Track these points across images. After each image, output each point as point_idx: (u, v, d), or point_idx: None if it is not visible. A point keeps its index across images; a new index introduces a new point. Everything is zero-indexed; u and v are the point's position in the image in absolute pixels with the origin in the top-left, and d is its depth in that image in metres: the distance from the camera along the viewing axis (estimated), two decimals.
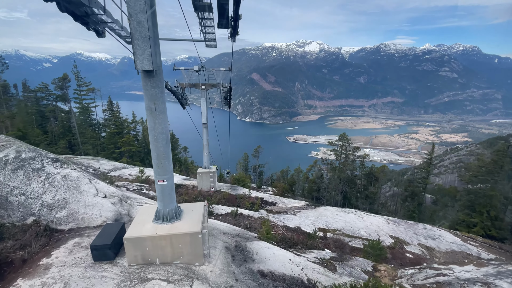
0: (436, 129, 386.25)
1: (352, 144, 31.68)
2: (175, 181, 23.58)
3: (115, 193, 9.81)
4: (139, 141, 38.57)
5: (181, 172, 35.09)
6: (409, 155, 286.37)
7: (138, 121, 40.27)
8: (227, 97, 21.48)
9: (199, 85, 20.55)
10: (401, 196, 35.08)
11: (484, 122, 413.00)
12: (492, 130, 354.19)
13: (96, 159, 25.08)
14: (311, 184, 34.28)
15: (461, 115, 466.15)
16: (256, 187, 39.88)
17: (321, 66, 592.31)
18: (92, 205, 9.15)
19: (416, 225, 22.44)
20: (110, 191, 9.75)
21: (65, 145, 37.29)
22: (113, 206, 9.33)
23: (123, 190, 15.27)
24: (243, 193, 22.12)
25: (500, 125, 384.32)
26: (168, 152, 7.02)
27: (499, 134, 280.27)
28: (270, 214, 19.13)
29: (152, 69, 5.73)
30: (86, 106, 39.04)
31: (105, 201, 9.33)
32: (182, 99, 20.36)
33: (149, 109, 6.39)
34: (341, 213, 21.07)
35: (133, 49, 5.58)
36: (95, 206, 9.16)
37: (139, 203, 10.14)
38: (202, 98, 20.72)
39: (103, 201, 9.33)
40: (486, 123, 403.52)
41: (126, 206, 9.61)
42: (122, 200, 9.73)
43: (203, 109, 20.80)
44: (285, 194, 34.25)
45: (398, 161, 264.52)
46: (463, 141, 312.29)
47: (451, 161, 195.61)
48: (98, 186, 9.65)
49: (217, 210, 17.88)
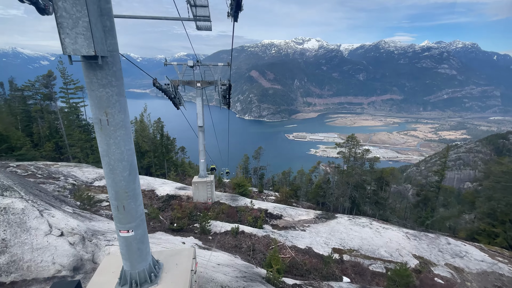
0: (435, 126, 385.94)
1: (362, 146, 29.29)
2: (168, 190, 21.15)
3: (76, 228, 7.30)
4: None
5: (177, 177, 32.52)
6: (408, 152, 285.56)
7: (131, 121, 37.55)
8: (226, 96, 18.96)
9: (194, 82, 18.00)
10: (412, 202, 32.93)
11: (482, 119, 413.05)
12: (491, 127, 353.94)
13: (79, 166, 22.50)
14: (316, 189, 31.90)
15: (459, 112, 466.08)
16: (257, 191, 37.50)
17: (320, 63, 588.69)
18: (43, 248, 6.64)
19: (438, 239, 20.17)
20: (69, 226, 7.24)
21: (52, 147, 34.60)
22: (72, 248, 6.83)
23: (101, 212, 12.80)
24: (245, 205, 19.67)
25: (499, 122, 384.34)
26: (133, 188, 4.47)
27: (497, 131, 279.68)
28: (276, 231, 16.74)
29: (95, 54, 3.22)
30: (74, 106, 36.30)
31: (60, 242, 6.83)
32: (175, 98, 17.81)
33: (98, 122, 3.84)
34: (356, 227, 18.68)
35: (56, 19, 3.07)
36: (47, 249, 6.65)
37: (109, 240, 7.65)
38: (198, 97, 18.18)
39: (59, 241, 6.83)
40: (485, 120, 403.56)
41: (90, 247, 7.12)
42: (86, 238, 7.23)
43: (199, 110, 18.28)
44: (289, 200, 31.91)
45: (397, 158, 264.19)
46: (462, 138, 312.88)
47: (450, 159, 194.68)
48: (52, 220, 7.14)
49: (215, 227, 15.46)
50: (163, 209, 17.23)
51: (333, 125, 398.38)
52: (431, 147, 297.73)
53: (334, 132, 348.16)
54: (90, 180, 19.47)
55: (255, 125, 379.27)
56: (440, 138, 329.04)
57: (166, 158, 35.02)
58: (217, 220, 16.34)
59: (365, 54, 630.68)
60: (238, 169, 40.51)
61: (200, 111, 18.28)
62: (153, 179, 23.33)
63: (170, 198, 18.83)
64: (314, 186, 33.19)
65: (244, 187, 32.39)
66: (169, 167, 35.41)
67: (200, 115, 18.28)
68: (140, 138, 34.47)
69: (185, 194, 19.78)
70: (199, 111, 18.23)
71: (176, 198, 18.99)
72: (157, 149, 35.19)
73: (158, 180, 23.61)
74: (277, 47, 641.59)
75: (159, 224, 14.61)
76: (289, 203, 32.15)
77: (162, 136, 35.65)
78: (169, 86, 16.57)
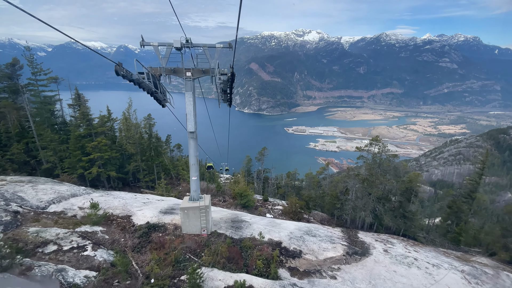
0: (434, 121, 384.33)
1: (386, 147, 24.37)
2: (149, 217, 14.40)
3: None
4: (116, 144, 30.77)
5: (167, 187, 27.35)
6: (407, 146, 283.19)
7: (115, 119, 32.29)
8: (226, 90, 13.88)
9: (182, 71, 12.83)
10: (442, 215, 28.44)
11: (482, 114, 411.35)
12: (490, 122, 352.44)
13: (34, 182, 17.39)
14: (332, 200, 27.16)
15: (459, 106, 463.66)
16: (262, 200, 32.74)
17: (321, 56, 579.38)
18: None
19: (498, 276, 15.62)
20: None
21: (21, 149, 29.33)
22: None
23: (35, 270, 7.89)
24: (251, 235, 14.78)
25: (498, 117, 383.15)
26: None
27: (497, 126, 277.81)
28: (296, 280, 11.99)
29: None
30: (47, 101, 30.90)
31: None
32: (157, 93, 12.71)
33: None
34: (400, 268, 13.96)
35: None
36: None
37: None
38: (188, 91, 13.04)
39: None
40: (485, 115, 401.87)
41: None
42: None
43: (189, 110, 13.16)
44: (299, 211, 27.19)
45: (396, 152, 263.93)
46: (461, 133, 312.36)
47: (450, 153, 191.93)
48: None
49: (211, 281, 10.63)
50: (139, 249, 12.30)
51: (333, 118, 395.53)
52: (430, 141, 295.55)
53: (333, 126, 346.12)
54: (44, 203, 14.44)
55: (255, 118, 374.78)
56: (439, 133, 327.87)
57: (155, 162, 29.87)
58: (214, 268, 11.48)
59: (366, 47, 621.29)
60: (239, 175, 35.54)
61: (192, 111, 13.14)
62: (132, 197, 18.20)
63: (151, 229, 13.87)
64: (330, 197, 28.42)
65: (247, 197, 27.55)
66: (158, 174, 30.32)
67: (192, 117, 13.15)
68: (124, 139, 29.31)
69: (171, 221, 14.80)
70: (190, 110, 13.10)
71: (159, 229, 14.02)
72: (145, 152, 30.03)
73: (139, 198, 18.49)
74: (277, 39, 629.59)
75: (128, 283, 9.73)
76: (299, 216, 27.44)
77: (150, 136, 30.37)
78: (145, 76, 11.41)
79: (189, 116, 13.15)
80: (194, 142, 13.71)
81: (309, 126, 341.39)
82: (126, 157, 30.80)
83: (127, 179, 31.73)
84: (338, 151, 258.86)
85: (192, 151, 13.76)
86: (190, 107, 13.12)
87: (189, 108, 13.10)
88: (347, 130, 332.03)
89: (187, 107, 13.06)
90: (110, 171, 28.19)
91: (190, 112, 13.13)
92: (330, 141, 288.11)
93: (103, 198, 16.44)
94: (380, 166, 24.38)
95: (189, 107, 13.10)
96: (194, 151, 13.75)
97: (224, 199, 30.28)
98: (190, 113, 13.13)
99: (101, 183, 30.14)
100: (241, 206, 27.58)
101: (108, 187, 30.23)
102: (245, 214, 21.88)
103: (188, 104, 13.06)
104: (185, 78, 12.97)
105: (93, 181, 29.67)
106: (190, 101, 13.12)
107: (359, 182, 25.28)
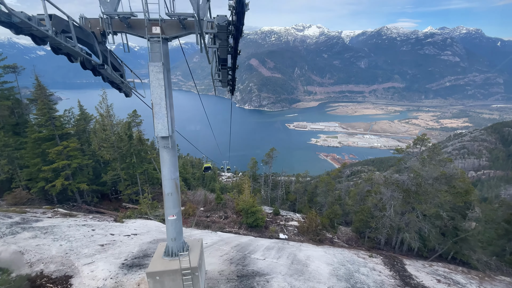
0: (436, 115, 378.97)
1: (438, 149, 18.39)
2: (99, 279, 9.42)
3: None
4: (91, 148, 24.70)
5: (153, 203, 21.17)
6: (410, 141, 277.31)
7: (90, 116, 26.21)
8: (227, 74, 7.88)
9: (143, 24, 6.80)
10: (496, 231, 22.68)
11: (485, 107, 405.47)
12: (493, 115, 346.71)
13: None
14: (364, 217, 21.20)
15: (462, 100, 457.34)
16: (272, 213, 26.89)
17: (321, 50, 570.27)
18: None
19: None
20: None
21: None
22: None
23: None
24: None
25: (501, 110, 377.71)
26: None
27: (499, 119, 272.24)
28: None
29: None
30: (3, 95, 24.84)
31: None
32: (102, 68, 6.76)
33: None
34: None
35: None
36: None
37: None
38: (154, 62, 6.94)
39: None
40: (487, 108, 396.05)
41: None
42: None
43: (158, 97, 7.07)
44: (322, 232, 21.35)
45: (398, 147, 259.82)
46: (464, 126, 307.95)
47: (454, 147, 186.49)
48: None
49: None
50: None
51: (334, 114, 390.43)
52: (432, 136, 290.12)
53: (335, 121, 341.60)
54: None
55: (256, 114, 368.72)
56: (441, 127, 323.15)
57: (138, 171, 23.68)
58: None
59: (367, 41, 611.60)
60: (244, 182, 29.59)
61: (162, 100, 7.08)
62: (86, 234, 11.96)
63: None
64: (360, 211, 22.43)
65: (254, 215, 21.55)
66: (144, 184, 24.29)
67: (163, 111, 7.11)
68: (97, 142, 23.27)
69: (138, 287, 8.85)
70: (159, 99, 7.04)
71: None
72: (125, 158, 23.90)
73: (99, 234, 12.27)
74: (277, 34, 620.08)
75: None
76: (321, 237, 21.57)
77: (130, 138, 24.03)
78: (48, 26, 5.33)
79: (158, 109, 7.09)
80: (169, 154, 7.69)
81: (310, 121, 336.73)
82: (102, 166, 24.76)
83: (106, 191, 25.74)
84: (340, 147, 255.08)
85: (167, 170, 7.75)
86: (160, 92, 7.05)
87: (157, 94, 7.03)
88: (349, 125, 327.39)
89: (153, 93, 6.99)
90: (81, 183, 22.18)
91: (159, 102, 7.07)
92: (331, 137, 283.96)
93: (35, 241, 10.51)
94: (430, 173, 18.36)
95: (157, 93, 7.02)
96: (170, 169, 7.74)
97: (226, 215, 24.34)
98: (159, 104, 7.07)
99: (72, 199, 24.20)
100: (247, 225, 21.73)
101: (81, 203, 24.29)
102: (254, 244, 15.99)
103: (155, 86, 6.98)
104: (150, 38, 6.92)
105: (63, 196, 23.62)
106: (160, 82, 7.03)
107: (399, 194, 19.34)
